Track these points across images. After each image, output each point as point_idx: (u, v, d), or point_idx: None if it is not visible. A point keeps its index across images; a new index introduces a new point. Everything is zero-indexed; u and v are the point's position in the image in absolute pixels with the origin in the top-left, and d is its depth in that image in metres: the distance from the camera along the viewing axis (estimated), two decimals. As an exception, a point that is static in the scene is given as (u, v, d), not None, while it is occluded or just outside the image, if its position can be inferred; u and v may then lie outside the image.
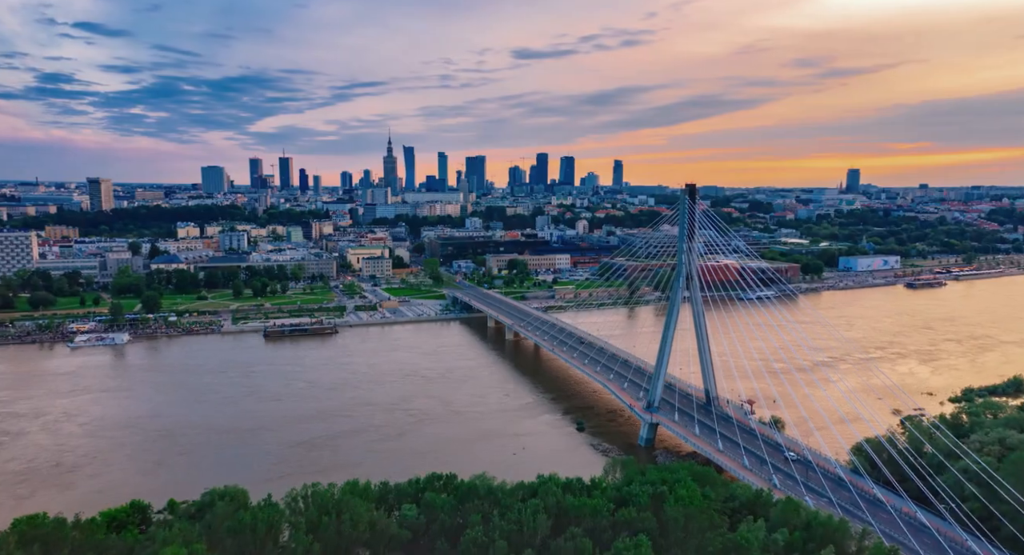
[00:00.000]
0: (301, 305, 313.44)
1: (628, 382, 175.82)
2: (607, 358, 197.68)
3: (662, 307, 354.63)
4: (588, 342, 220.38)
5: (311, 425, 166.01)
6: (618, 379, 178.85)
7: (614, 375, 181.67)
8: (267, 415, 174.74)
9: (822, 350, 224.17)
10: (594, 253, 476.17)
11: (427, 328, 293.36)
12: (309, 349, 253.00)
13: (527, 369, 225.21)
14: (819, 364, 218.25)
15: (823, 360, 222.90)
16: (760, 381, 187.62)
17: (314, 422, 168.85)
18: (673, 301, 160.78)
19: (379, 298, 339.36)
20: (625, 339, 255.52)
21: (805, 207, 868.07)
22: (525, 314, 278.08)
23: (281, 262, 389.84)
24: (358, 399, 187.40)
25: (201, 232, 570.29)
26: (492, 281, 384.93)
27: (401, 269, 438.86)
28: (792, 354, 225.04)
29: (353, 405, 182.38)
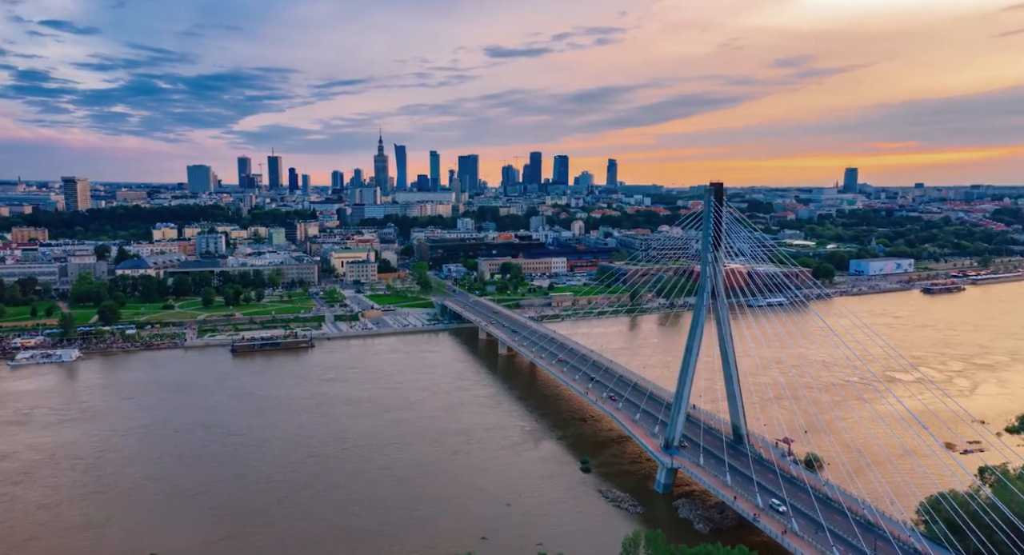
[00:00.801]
0: (275, 315, 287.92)
1: (640, 412, 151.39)
2: (614, 381, 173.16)
3: (666, 316, 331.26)
4: (591, 360, 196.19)
5: (266, 491, 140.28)
6: (629, 409, 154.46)
7: (623, 403, 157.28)
8: (219, 465, 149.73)
9: (843, 365, 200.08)
10: (591, 256, 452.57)
11: (413, 341, 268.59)
12: (280, 367, 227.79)
13: (522, 388, 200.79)
14: (847, 382, 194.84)
15: (851, 378, 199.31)
16: (783, 405, 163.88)
17: (273, 476, 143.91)
18: (696, 320, 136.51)
19: (362, 307, 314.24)
20: (630, 354, 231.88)
21: (805, 207, 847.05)
22: (519, 326, 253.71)
23: (258, 267, 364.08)
24: (327, 437, 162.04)
25: (179, 234, 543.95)
26: (484, 287, 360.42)
27: (388, 273, 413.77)
28: (815, 370, 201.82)
29: (321, 446, 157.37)
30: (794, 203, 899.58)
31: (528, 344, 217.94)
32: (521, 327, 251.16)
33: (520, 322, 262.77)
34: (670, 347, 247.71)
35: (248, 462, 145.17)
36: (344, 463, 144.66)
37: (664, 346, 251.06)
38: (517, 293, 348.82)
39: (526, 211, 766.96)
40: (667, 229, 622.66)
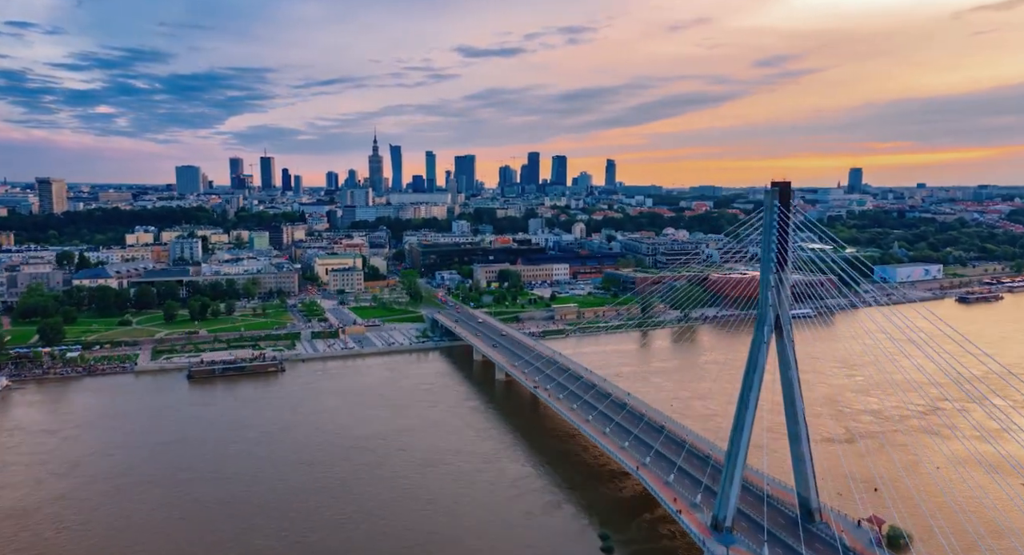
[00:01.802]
0: (244, 332, 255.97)
1: (676, 471, 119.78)
2: (637, 424, 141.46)
3: (681, 331, 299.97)
4: (605, 392, 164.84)
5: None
6: (659, 464, 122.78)
7: (652, 455, 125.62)
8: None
9: (910, 389, 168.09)
10: (595, 262, 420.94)
11: (399, 362, 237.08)
12: (241, 398, 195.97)
13: (523, 426, 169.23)
14: (932, 409, 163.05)
15: (924, 406, 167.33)
16: (849, 450, 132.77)
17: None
18: (753, 365, 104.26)
19: (343, 321, 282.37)
20: (645, 381, 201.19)
21: (812, 208, 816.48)
22: (519, 345, 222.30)
23: (231, 276, 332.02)
24: (285, 509, 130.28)
25: (156, 238, 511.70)
26: (480, 297, 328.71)
27: (376, 281, 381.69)
28: (878, 397, 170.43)
29: (280, 519, 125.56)
30: (802, 204, 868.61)
31: (531, 371, 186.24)
32: (521, 347, 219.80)
33: (519, 340, 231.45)
34: (691, 372, 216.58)
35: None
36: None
37: (685, 371, 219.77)
38: (516, 305, 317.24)
39: (524, 213, 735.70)
40: (672, 232, 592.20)
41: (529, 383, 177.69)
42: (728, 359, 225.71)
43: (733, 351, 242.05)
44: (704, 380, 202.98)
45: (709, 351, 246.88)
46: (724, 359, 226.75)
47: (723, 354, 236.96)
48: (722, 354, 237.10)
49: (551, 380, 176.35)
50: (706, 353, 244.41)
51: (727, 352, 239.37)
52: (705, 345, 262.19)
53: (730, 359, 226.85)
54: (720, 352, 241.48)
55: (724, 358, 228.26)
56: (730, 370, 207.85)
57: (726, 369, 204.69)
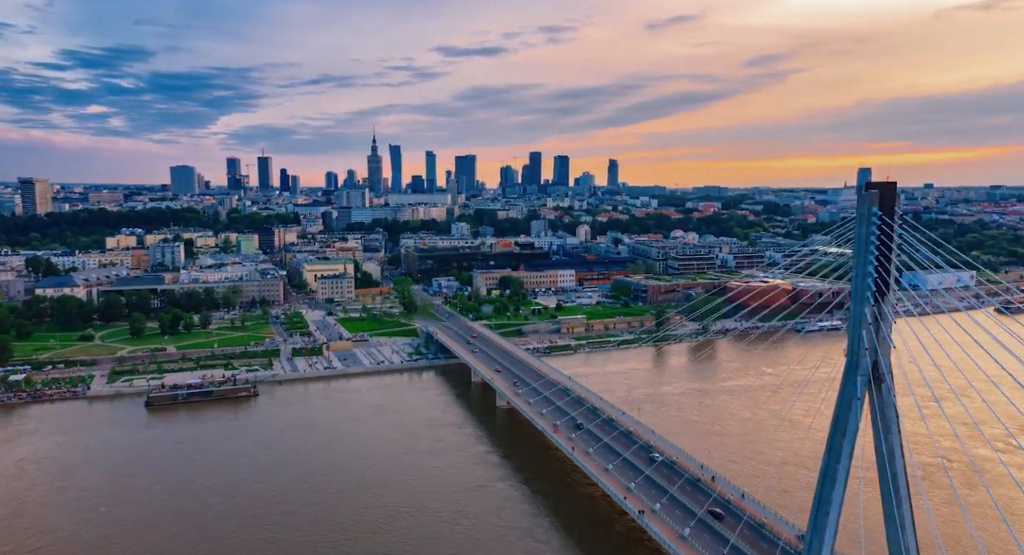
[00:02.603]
0: (217, 349, 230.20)
1: (729, 548, 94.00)
2: (673, 482, 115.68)
3: (699, 347, 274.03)
4: (627, 431, 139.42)
5: None
6: (704, 536, 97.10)
7: (694, 525, 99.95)
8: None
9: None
10: (603, 267, 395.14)
11: (388, 385, 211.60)
12: (204, 432, 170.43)
13: (531, 468, 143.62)
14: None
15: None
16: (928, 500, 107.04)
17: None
18: (840, 428, 77.89)
19: (328, 335, 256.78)
20: (667, 410, 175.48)
21: (824, 208, 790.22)
22: (522, 365, 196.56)
23: (210, 284, 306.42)
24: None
25: (139, 242, 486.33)
26: (479, 307, 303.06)
27: (368, 289, 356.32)
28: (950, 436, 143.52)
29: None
30: (813, 205, 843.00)
31: (537, 401, 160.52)
32: (525, 369, 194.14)
33: (523, 360, 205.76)
34: (721, 400, 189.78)
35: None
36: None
37: (713, 398, 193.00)
38: (518, 316, 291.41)
39: (526, 214, 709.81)
40: (682, 234, 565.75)
41: (537, 418, 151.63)
42: (759, 383, 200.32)
43: (761, 372, 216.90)
44: (739, 411, 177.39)
45: (735, 372, 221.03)
46: (754, 383, 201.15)
47: (751, 375, 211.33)
48: (751, 376, 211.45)
49: (562, 414, 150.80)
50: (732, 375, 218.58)
51: (755, 373, 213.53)
52: (728, 364, 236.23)
53: (762, 384, 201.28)
54: (748, 373, 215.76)
55: (754, 382, 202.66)
56: (765, 396, 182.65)
57: (762, 395, 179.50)
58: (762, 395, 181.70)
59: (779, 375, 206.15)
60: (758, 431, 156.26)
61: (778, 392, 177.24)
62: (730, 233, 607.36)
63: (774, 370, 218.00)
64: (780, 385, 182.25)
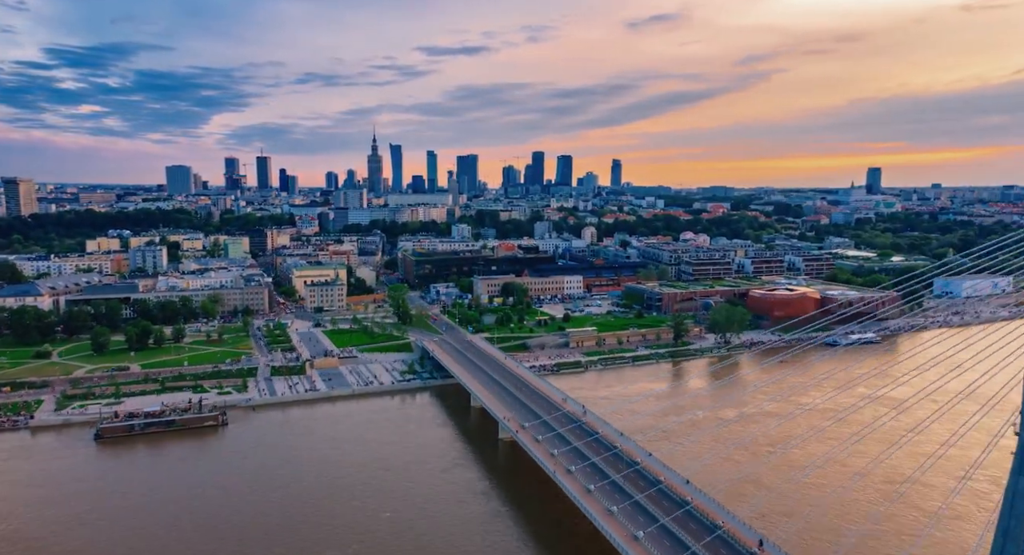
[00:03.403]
0: (186, 368, 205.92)
1: None
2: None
3: (721, 362, 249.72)
4: (654, 475, 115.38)
5: None
6: None
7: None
8: None
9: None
10: (612, 272, 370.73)
11: (377, 409, 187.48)
12: (159, 473, 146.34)
13: (538, 515, 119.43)
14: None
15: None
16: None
17: None
18: (1018, 516, 53.26)
19: (313, 351, 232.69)
20: (696, 444, 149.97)
21: (837, 209, 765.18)
22: (528, 390, 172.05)
23: (188, 292, 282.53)
24: None
25: (124, 244, 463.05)
26: (480, 317, 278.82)
27: (361, 296, 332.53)
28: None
29: None
30: (825, 205, 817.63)
31: (547, 440, 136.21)
32: (531, 393, 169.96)
33: (528, 382, 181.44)
34: (755, 431, 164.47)
35: None
36: None
37: (745, 428, 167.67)
38: (523, 328, 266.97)
39: (530, 215, 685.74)
40: (692, 237, 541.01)
41: (548, 463, 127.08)
42: (790, 410, 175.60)
43: (795, 396, 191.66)
44: (782, 448, 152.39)
45: (766, 397, 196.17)
46: (786, 409, 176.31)
47: (783, 401, 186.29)
48: (782, 401, 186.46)
49: (580, 458, 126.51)
50: (763, 399, 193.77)
51: (787, 397, 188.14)
52: (757, 384, 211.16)
53: (801, 409, 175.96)
54: (778, 397, 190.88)
55: (786, 408, 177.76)
56: (812, 426, 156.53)
57: (809, 424, 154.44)
58: (808, 424, 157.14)
59: (823, 398, 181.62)
60: (817, 481, 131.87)
61: (828, 418, 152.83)
62: (742, 235, 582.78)
63: (818, 395, 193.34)
64: (824, 411, 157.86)
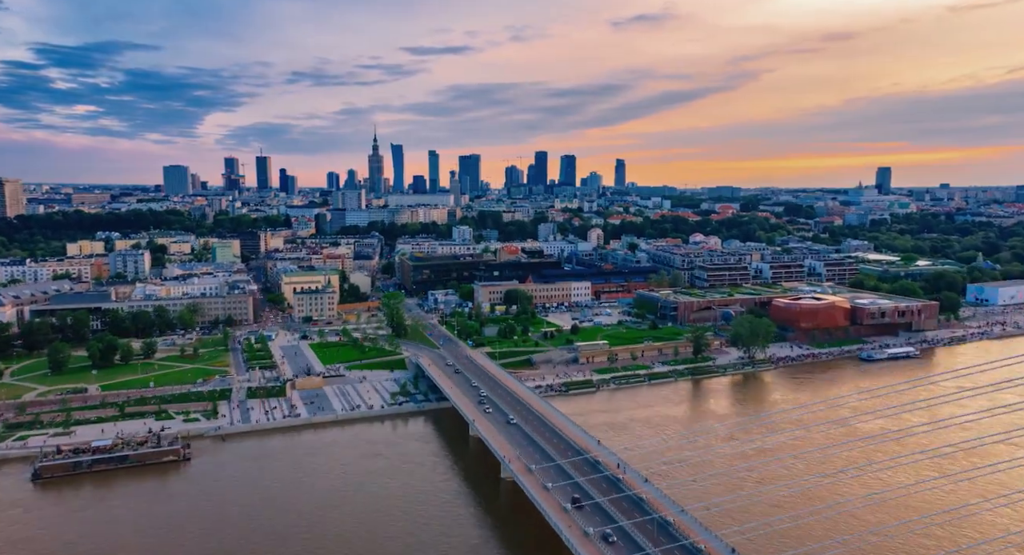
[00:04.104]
0: (148, 391, 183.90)
1: None
2: None
3: (745, 380, 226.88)
4: (692, 541, 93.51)
5: None
6: None
7: None
8: None
9: None
10: (621, 278, 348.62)
11: (364, 439, 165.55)
12: (102, 526, 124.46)
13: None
14: None
15: None
16: None
17: None
18: None
19: (296, 369, 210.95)
20: (736, 496, 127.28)
21: (851, 210, 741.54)
22: (535, 419, 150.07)
23: (165, 301, 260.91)
24: None
25: (109, 247, 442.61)
26: (481, 328, 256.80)
27: (354, 304, 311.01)
28: None
29: None
30: (838, 206, 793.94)
31: (560, 491, 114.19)
32: (540, 425, 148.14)
33: (534, 407, 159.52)
34: (796, 471, 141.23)
35: None
36: None
37: (783, 465, 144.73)
38: (527, 340, 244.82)
39: (533, 217, 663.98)
40: (702, 239, 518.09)
41: (563, 526, 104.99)
42: (837, 440, 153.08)
43: (832, 420, 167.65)
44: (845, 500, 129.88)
45: (800, 423, 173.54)
46: (824, 437, 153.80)
47: (823, 427, 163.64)
48: (820, 428, 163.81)
49: (598, 511, 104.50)
50: (798, 425, 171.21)
51: (824, 422, 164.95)
52: (788, 407, 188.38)
53: (842, 438, 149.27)
54: (816, 424, 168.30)
55: (825, 436, 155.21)
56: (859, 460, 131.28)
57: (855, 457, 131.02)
58: (855, 457, 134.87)
59: (867, 421, 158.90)
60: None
61: (878, 451, 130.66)
62: (753, 237, 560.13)
63: (861, 423, 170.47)
64: (866, 437, 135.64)
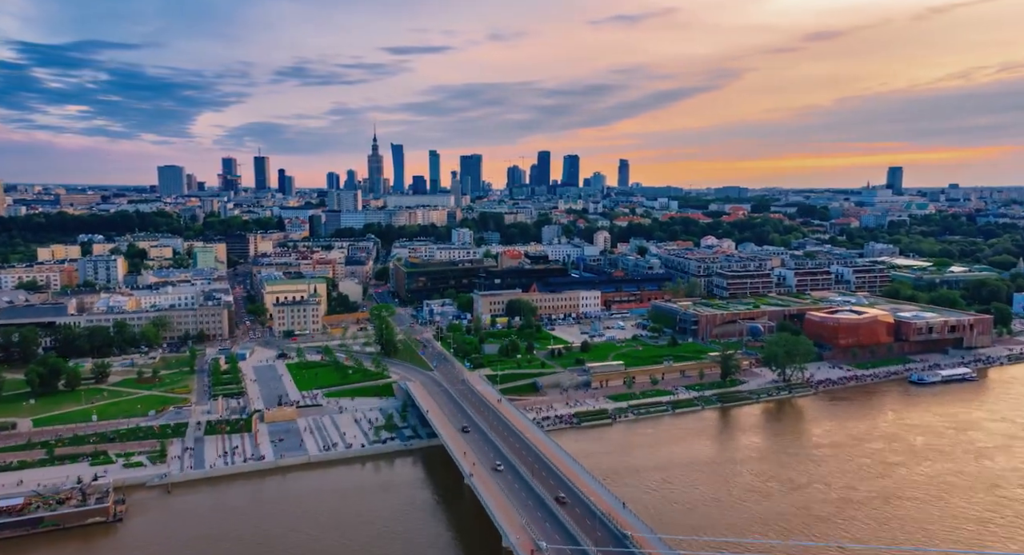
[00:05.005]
0: (88, 427, 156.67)
1: None
2: None
3: (780, 408, 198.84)
4: None
5: None
6: None
7: None
8: None
9: None
10: (633, 286, 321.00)
11: (340, 487, 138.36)
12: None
13: None
14: None
15: None
16: None
17: None
18: None
19: (267, 395, 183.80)
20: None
21: (867, 211, 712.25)
22: (539, 460, 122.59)
23: (126, 317, 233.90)
24: None
25: (86, 252, 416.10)
26: (480, 346, 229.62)
27: (342, 316, 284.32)
28: None
29: None
30: (853, 207, 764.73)
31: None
32: (549, 474, 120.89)
33: (542, 454, 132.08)
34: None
35: None
36: None
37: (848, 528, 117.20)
38: (532, 359, 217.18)
39: (536, 218, 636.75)
40: (715, 242, 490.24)
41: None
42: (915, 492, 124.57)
43: (897, 465, 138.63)
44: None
45: (859, 461, 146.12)
46: (890, 494, 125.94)
47: (899, 477, 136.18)
48: (895, 478, 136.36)
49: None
50: (858, 466, 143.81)
51: (887, 466, 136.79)
52: (834, 440, 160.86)
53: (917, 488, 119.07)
54: (870, 460, 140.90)
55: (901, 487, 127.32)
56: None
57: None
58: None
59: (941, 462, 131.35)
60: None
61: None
62: (767, 239, 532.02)
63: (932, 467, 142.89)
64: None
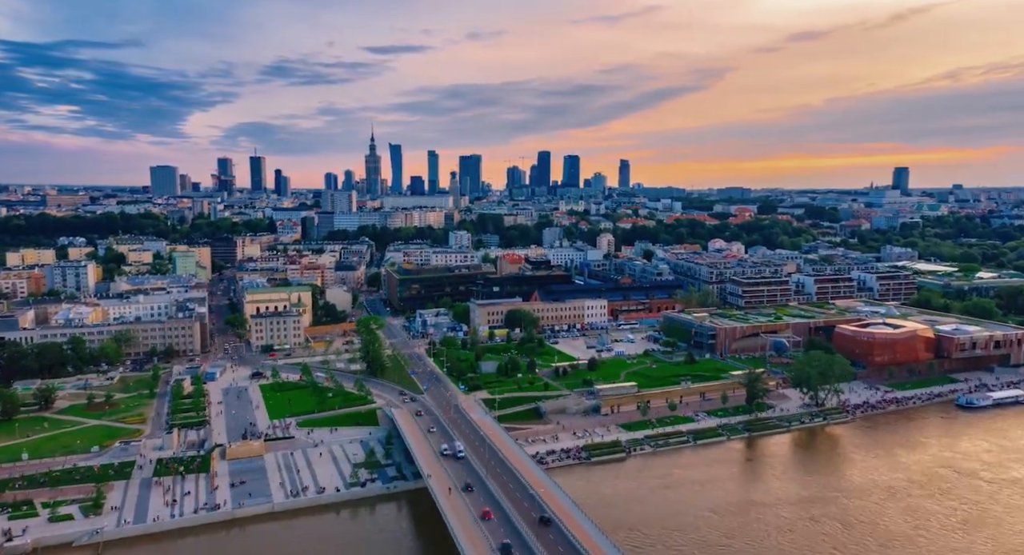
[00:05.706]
0: (16, 466, 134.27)
1: None
2: None
3: (812, 438, 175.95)
4: None
5: None
6: None
7: None
8: None
9: None
10: (642, 294, 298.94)
11: (310, 540, 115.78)
12: None
13: None
14: None
15: None
16: None
17: None
18: None
19: (232, 426, 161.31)
20: None
21: (875, 212, 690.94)
22: (539, 506, 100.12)
23: (84, 332, 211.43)
24: None
25: (62, 255, 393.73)
26: (477, 364, 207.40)
27: (327, 327, 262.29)
28: None
29: None
30: (863, 208, 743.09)
31: None
32: (557, 534, 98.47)
33: (548, 501, 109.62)
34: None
35: None
36: None
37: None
38: (534, 380, 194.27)
39: (537, 220, 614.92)
40: (723, 245, 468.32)
41: None
42: None
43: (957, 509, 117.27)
44: None
45: (935, 528, 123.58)
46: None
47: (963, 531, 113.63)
48: (963, 532, 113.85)
49: None
50: (938, 534, 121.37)
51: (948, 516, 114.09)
52: (886, 480, 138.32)
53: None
54: (944, 525, 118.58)
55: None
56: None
57: None
58: None
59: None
60: None
61: None
62: (776, 242, 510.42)
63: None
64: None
